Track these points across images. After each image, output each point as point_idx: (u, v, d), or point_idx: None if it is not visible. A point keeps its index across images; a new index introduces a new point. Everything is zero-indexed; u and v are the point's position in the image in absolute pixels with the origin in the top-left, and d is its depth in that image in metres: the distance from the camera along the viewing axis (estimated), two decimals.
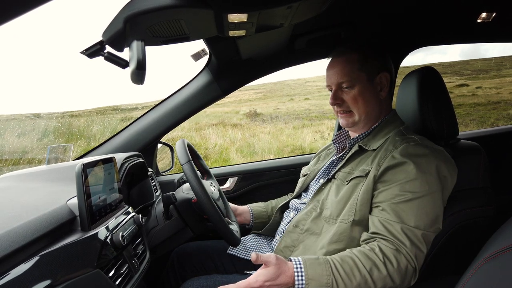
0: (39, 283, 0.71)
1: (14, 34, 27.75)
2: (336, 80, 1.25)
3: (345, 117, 1.27)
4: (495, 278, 0.60)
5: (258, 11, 0.87)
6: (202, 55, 1.59)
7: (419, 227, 1.02)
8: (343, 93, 1.25)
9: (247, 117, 15.90)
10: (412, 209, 1.04)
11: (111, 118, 13.43)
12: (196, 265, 1.46)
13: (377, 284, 0.98)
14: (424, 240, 1.03)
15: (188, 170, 1.25)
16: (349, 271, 0.98)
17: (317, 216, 1.21)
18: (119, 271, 0.96)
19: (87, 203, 0.89)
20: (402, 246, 1.01)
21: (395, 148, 1.13)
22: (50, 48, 42.51)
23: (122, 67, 0.91)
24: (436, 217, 1.06)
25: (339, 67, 1.25)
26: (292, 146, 10.26)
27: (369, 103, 1.24)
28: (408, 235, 1.01)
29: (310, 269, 0.98)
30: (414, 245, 1.01)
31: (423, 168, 1.07)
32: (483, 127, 11.09)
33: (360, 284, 0.97)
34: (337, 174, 1.23)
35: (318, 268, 0.98)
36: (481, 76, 18.85)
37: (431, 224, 1.04)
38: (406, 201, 1.05)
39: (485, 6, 1.49)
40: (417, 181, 1.06)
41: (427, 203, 1.05)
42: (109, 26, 0.83)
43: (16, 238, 0.72)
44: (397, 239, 1.01)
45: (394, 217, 1.04)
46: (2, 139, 7.32)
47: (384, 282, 0.98)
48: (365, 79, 1.24)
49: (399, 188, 1.07)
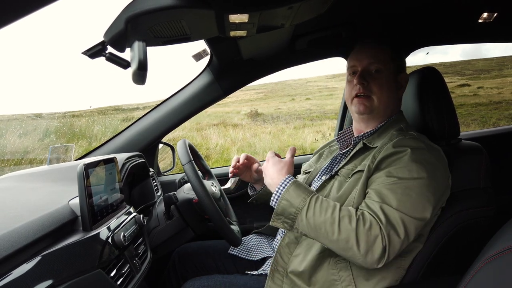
0: (41, 282, 0.71)
1: (16, 34, 27.77)
2: (368, 61, 1.24)
3: (363, 101, 1.23)
4: (496, 279, 0.60)
5: (259, 11, 0.87)
6: (203, 56, 1.59)
7: (400, 209, 0.99)
8: (370, 76, 1.23)
9: (248, 117, 15.88)
10: (396, 193, 1.01)
11: (113, 118, 13.44)
12: (197, 265, 1.46)
13: (341, 232, 0.96)
14: (404, 224, 0.98)
15: (189, 170, 1.25)
16: (325, 207, 1.00)
17: None
18: (120, 271, 0.97)
19: (88, 203, 0.90)
20: (378, 220, 0.98)
21: (390, 141, 1.14)
22: (51, 49, 42.58)
23: (124, 68, 0.92)
24: (422, 206, 1.01)
25: (372, 52, 1.25)
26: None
27: (390, 95, 1.24)
28: (386, 212, 0.98)
29: (294, 186, 1.06)
30: (389, 224, 0.97)
31: (415, 158, 1.05)
32: (485, 127, 11.06)
33: (326, 222, 0.98)
34: (341, 171, 1.23)
35: (302, 189, 1.05)
36: (482, 76, 18.79)
37: (414, 211, 1.00)
38: (390, 184, 1.03)
39: (486, 6, 1.49)
40: (405, 168, 1.04)
41: (413, 189, 1.02)
42: (111, 27, 0.84)
43: (18, 238, 0.72)
44: (375, 214, 0.99)
45: (376, 198, 1.02)
46: (4, 139, 7.33)
47: (348, 236, 0.96)
48: (393, 71, 1.25)
49: (387, 173, 1.06)
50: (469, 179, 1.21)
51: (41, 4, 0.48)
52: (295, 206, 1.01)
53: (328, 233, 0.97)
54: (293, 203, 1.02)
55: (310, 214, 0.99)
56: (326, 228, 0.98)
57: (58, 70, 36.09)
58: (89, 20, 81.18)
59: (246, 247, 1.48)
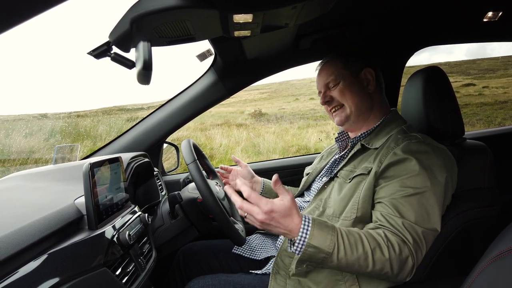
0: (48, 280, 0.72)
1: (22, 35, 27.94)
2: (323, 82, 1.33)
3: (337, 113, 1.31)
4: (501, 278, 0.60)
5: (263, 11, 0.87)
6: (207, 55, 1.60)
7: (419, 223, 1.01)
8: (330, 92, 1.32)
9: (252, 117, 15.90)
10: (413, 205, 1.02)
11: (117, 118, 13.50)
12: (201, 264, 1.47)
13: (376, 264, 0.95)
14: (424, 238, 1.01)
15: (194, 170, 1.26)
16: (353, 243, 0.96)
17: (319, 215, 1.21)
18: (125, 269, 0.97)
19: (94, 202, 0.90)
20: (405, 239, 1.00)
21: (397, 145, 1.13)
22: (57, 49, 42.88)
23: (129, 68, 0.92)
24: (435, 218, 1.04)
25: (323, 71, 1.34)
26: (297, 146, 10.25)
27: (357, 95, 1.28)
28: (410, 231, 1.00)
29: (317, 228, 0.94)
30: (415, 242, 1.00)
31: (424, 164, 1.06)
32: (490, 126, 10.99)
33: (360, 259, 0.95)
34: (340, 173, 1.23)
35: (325, 229, 0.94)
36: (487, 76, 18.69)
37: (430, 221, 1.02)
38: (406, 196, 1.04)
39: (491, 5, 1.48)
40: (418, 177, 1.05)
41: (427, 199, 1.03)
42: (116, 27, 0.84)
43: (25, 237, 0.73)
44: (400, 233, 1.00)
45: (395, 212, 1.02)
46: (10, 139, 7.39)
47: (383, 266, 0.96)
48: (349, 75, 1.29)
49: (400, 184, 1.06)
50: (474, 178, 1.21)
51: (48, 5, 0.49)
52: (325, 252, 0.92)
53: (361, 267, 0.96)
54: (322, 249, 0.92)
55: (341, 255, 0.93)
56: (360, 264, 0.95)
57: (64, 70, 36.27)
58: (94, 20, 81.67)
59: (250, 247, 1.48)
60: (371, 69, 1.32)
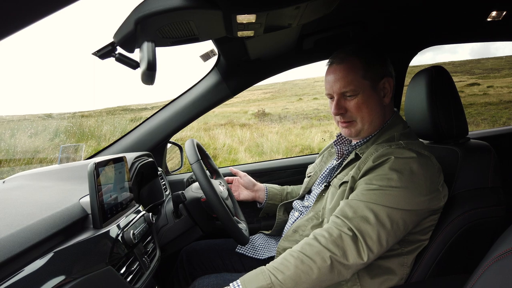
0: (53, 278, 0.73)
1: (26, 36, 28.12)
2: (339, 89, 1.19)
3: (347, 127, 1.22)
4: (504, 277, 0.60)
5: (266, 11, 0.88)
6: (211, 56, 1.61)
7: (368, 200, 0.96)
8: (345, 102, 1.20)
9: (256, 117, 15.90)
10: (365, 194, 0.99)
11: (121, 118, 13.55)
12: (205, 263, 1.47)
13: (314, 259, 0.92)
14: (374, 212, 0.95)
15: (197, 170, 1.26)
16: (282, 259, 0.94)
17: (317, 225, 1.20)
18: (130, 268, 0.98)
19: (99, 201, 0.91)
20: (343, 218, 0.95)
21: (376, 151, 1.11)
22: (61, 50, 43.12)
23: (133, 68, 0.93)
24: (403, 209, 0.98)
25: (341, 74, 1.19)
26: (301, 146, 10.24)
27: (373, 111, 1.19)
28: (352, 205, 0.96)
29: (246, 277, 0.95)
30: (357, 216, 0.95)
31: (396, 167, 1.02)
32: (495, 126, 10.93)
33: (297, 266, 0.92)
34: (333, 181, 1.23)
35: (252, 273, 0.95)
36: (492, 75, 18.57)
37: (385, 201, 0.97)
38: (368, 190, 1.01)
39: (495, 5, 1.48)
40: (385, 176, 1.01)
41: (388, 195, 0.99)
42: (120, 28, 0.85)
43: (31, 235, 0.74)
44: (340, 215, 0.96)
45: (341, 206, 1.00)
46: (15, 139, 7.45)
47: (321, 255, 0.93)
48: (369, 86, 1.18)
49: (366, 181, 1.04)
50: (478, 178, 1.21)
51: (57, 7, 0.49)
52: (266, 286, 0.91)
53: (308, 273, 0.92)
54: (262, 285, 0.91)
55: (280, 276, 0.91)
56: (303, 270, 0.92)
57: (68, 71, 36.49)
58: (99, 21, 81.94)
59: (254, 246, 1.49)
60: (390, 78, 1.22)
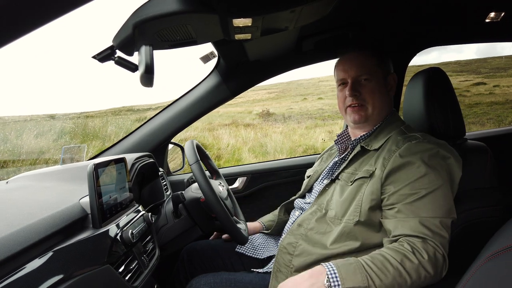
0: (53, 277, 0.74)
1: (32, 37, 28.23)
2: (355, 72, 1.26)
3: (358, 110, 1.26)
4: (496, 277, 0.61)
5: (262, 15, 0.89)
6: (210, 58, 1.62)
7: (436, 215, 1.03)
8: (360, 86, 1.26)
9: (260, 117, 15.91)
10: (426, 204, 1.04)
11: (126, 118, 13.61)
12: (205, 262, 1.49)
13: (411, 274, 0.97)
14: (443, 226, 1.03)
15: (196, 170, 1.28)
16: (381, 265, 0.97)
17: (321, 217, 1.22)
18: (128, 267, 1.00)
19: (98, 201, 0.93)
20: (425, 236, 1.01)
21: (398, 148, 1.14)
22: (66, 51, 43.45)
23: (132, 71, 0.95)
24: (450, 207, 1.06)
25: (357, 61, 1.27)
26: (305, 146, 10.23)
27: (382, 100, 1.27)
28: (427, 225, 1.02)
29: (342, 269, 0.96)
30: (435, 233, 1.01)
31: (429, 163, 1.08)
32: (500, 126, 10.85)
33: (395, 277, 0.96)
34: (341, 175, 1.24)
35: (350, 267, 0.97)
36: (498, 74, 18.42)
37: (446, 213, 1.04)
38: (419, 198, 1.05)
39: (493, 6, 1.48)
40: (426, 177, 1.06)
41: (439, 196, 1.05)
42: (119, 32, 0.87)
43: (31, 234, 0.76)
44: (419, 232, 1.01)
45: (410, 214, 1.04)
46: (20, 140, 7.51)
47: (418, 272, 0.98)
48: (381, 76, 1.27)
49: (410, 187, 1.07)
50: (475, 179, 1.21)
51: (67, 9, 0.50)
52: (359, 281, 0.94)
53: (401, 285, 0.97)
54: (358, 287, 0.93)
55: (378, 283, 0.94)
56: (398, 282, 0.96)
57: (73, 71, 36.69)
58: (103, 22, 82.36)
59: (253, 246, 1.50)
60: (395, 75, 1.32)
